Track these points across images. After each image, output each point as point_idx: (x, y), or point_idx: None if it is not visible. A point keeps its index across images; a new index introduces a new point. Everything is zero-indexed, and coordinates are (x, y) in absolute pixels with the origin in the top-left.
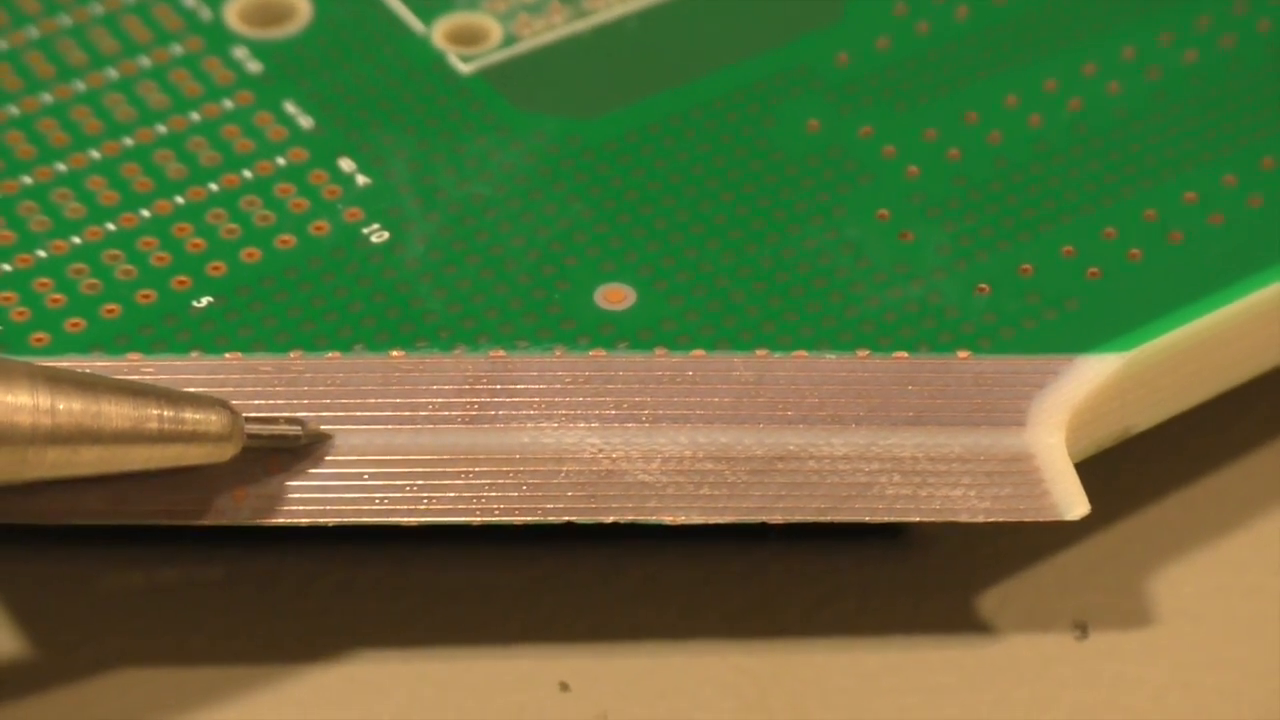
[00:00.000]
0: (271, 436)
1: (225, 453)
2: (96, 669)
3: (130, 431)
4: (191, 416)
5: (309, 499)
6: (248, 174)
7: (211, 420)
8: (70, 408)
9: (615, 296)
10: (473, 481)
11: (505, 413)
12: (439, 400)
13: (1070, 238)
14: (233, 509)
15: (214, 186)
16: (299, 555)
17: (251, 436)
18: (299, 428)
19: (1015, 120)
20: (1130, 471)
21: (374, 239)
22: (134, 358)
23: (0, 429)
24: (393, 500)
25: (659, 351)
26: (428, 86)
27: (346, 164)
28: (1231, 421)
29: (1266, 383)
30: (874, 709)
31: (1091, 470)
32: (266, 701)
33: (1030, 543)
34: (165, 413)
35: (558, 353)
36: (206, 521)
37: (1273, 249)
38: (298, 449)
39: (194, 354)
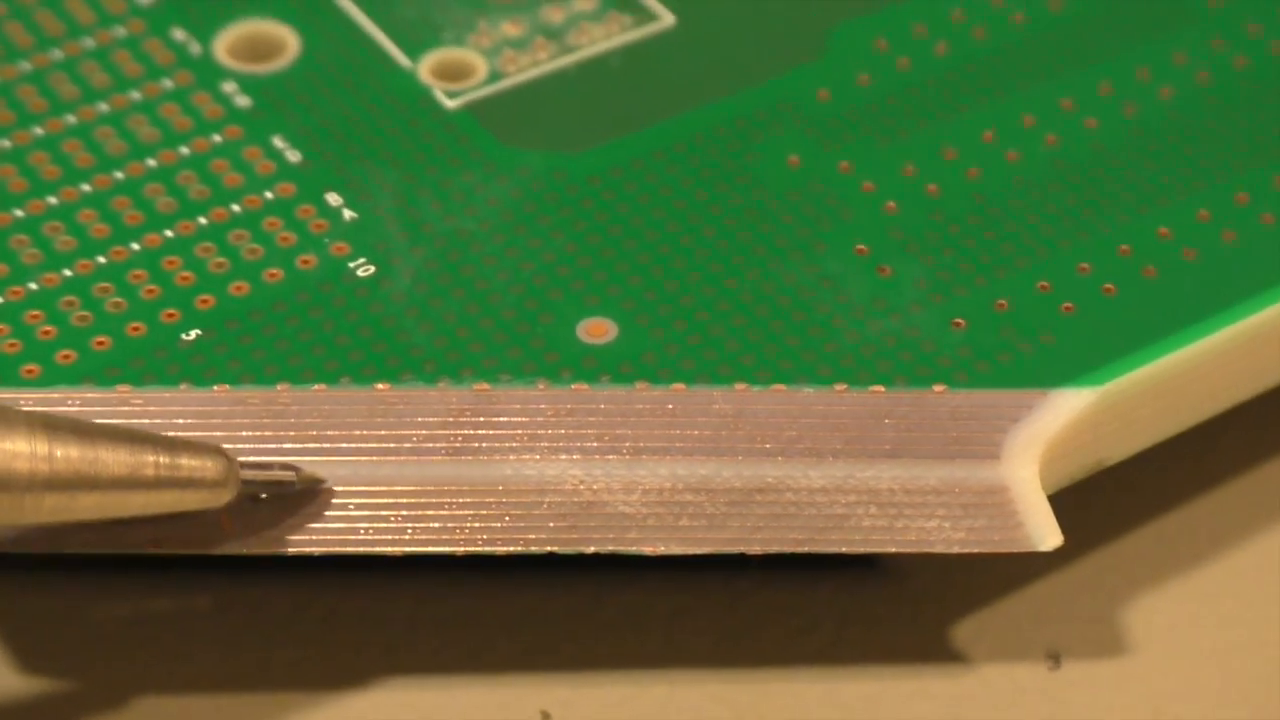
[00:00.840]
0: (266, 482)
1: (220, 498)
2: (84, 699)
3: (127, 478)
4: (188, 463)
5: (295, 529)
6: (236, 208)
7: (207, 466)
8: (68, 454)
9: (597, 330)
10: (456, 512)
11: (488, 445)
12: (423, 432)
13: (1045, 272)
14: (220, 539)
15: (203, 220)
16: (285, 585)
17: (246, 482)
18: (293, 473)
19: (993, 155)
20: (1103, 503)
21: (360, 273)
22: (123, 390)
23: None
24: (378, 530)
25: (640, 385)
26: (414, 121)
27: (334, 198)
28: (1204, 453)
29: (1239, 415)
30: None
31: (1065, 502)
32: None
33: (1004, 574)
34: (161, 459)
35: (540, 386)
36: (194, 551)
37: (1246, 283)
38: (292, 494)
39: (183, 386)
